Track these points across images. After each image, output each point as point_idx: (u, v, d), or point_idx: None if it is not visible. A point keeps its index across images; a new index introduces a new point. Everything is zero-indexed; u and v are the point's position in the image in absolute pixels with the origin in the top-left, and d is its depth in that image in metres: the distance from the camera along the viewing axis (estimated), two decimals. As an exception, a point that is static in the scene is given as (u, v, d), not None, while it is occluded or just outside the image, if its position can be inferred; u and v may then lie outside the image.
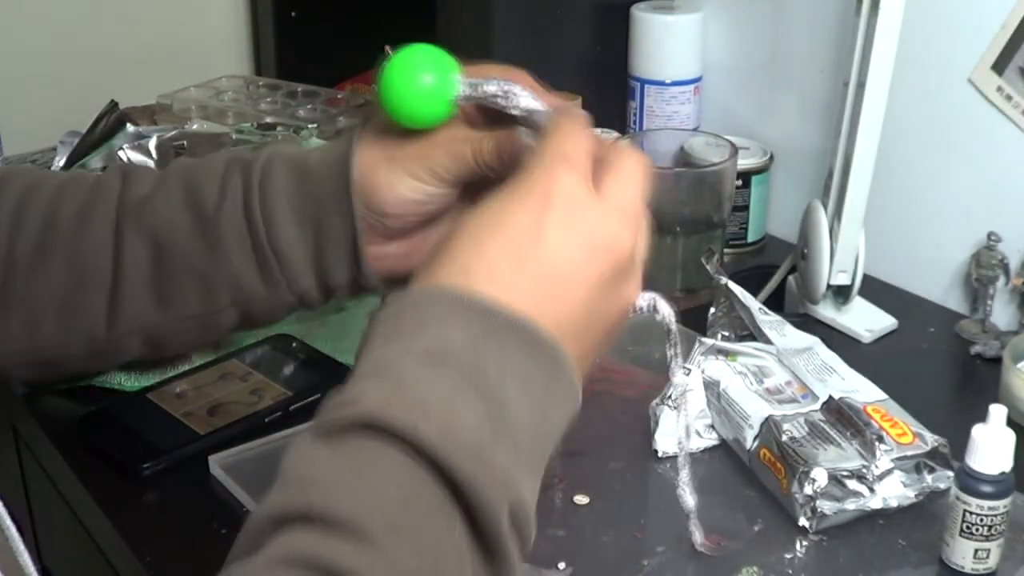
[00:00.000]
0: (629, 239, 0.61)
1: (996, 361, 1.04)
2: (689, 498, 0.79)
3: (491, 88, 0.71)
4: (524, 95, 0.71)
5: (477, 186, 0.74)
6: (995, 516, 0.78)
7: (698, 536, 0.81)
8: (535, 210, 0.59)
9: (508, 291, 0.57)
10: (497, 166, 0.72)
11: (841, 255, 1.10)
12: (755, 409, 0.90)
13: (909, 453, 0.84)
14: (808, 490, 0.83)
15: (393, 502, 0.50)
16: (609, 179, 0.62)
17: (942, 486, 0.84)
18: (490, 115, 0.74)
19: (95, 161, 1.28)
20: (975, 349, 1.09)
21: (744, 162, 1.25)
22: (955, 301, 1.17)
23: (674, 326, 0.71)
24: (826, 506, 0.83)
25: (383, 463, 0.50)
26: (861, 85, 1.04)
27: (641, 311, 0.68)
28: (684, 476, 0.78)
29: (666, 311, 0.70)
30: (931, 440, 0.85)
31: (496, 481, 0.51)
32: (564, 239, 0.59)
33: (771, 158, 1.30)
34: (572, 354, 0.58)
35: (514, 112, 0.71)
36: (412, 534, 0.49)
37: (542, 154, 0.62)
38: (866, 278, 1.13)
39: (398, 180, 0.75)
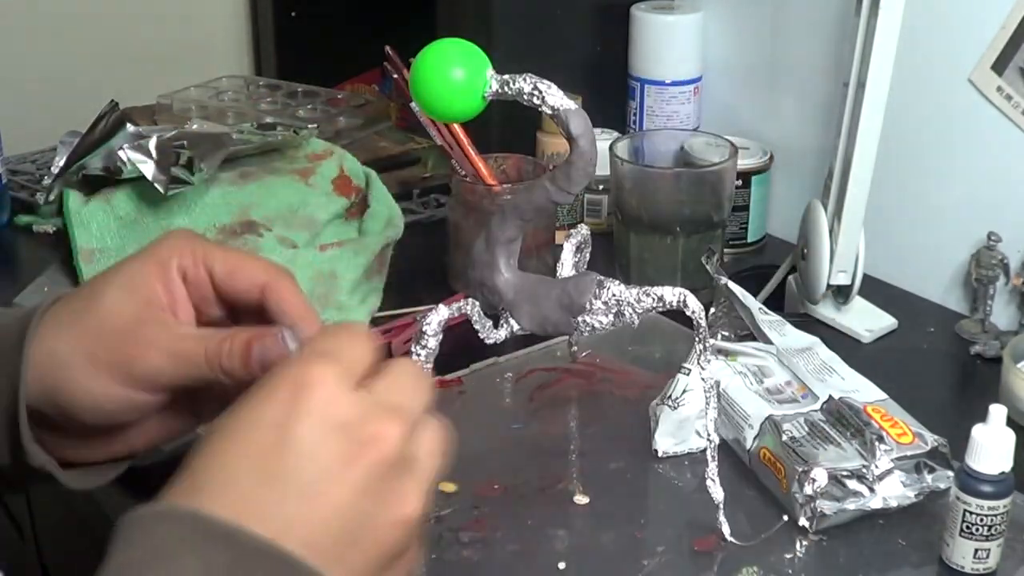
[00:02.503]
0: (394, 434, 0.51)
1: (996, 361, 1.04)
2: (718, 490, 0.81)
3: (523, 85, 0.70)
4: (553, 93, 0.71)
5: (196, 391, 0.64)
6: (995, 516, 0.78)
7: (727, 528, 0.82)
8: (282, 407, 0.50)
9: (253, 509, 0.48)
10: (240, 372, 0.60)
11: (841, 255, 1.10)
12: (755, 409, 0.90)
13: (909, 453, 0.84)
14: (808, 490, 0.83)
15: None
16: (378, 379, 0.53)
17: (942, 486, 0.84)
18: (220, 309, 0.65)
19: (95, 161, 1.28)
20: (975, 349, 1.09)
21: (744, 162, 1.25)
22: (955, 301, 1.17)
23: (704, 321, 0.77)
24: (826, 506, 0.83)
25: None
26: (861, 85, 1.04)
27: (671, 304, 0.73)
28: (712, 469, 0.81)
29: (696, 306, 0.75)
30: (931, 440, 0.85)
31: None
32: (315, 439, 0.50)
33: (771, 158, 1.30)
34: (340, 570, 0.50)
35: (545, 110, 0.71)
36: None
37: (300, 351, 0.54)
38: (866, 278, 1.13)
39: (96, 385, 0.61)
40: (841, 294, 1.13)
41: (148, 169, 1.14)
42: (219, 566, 0.47)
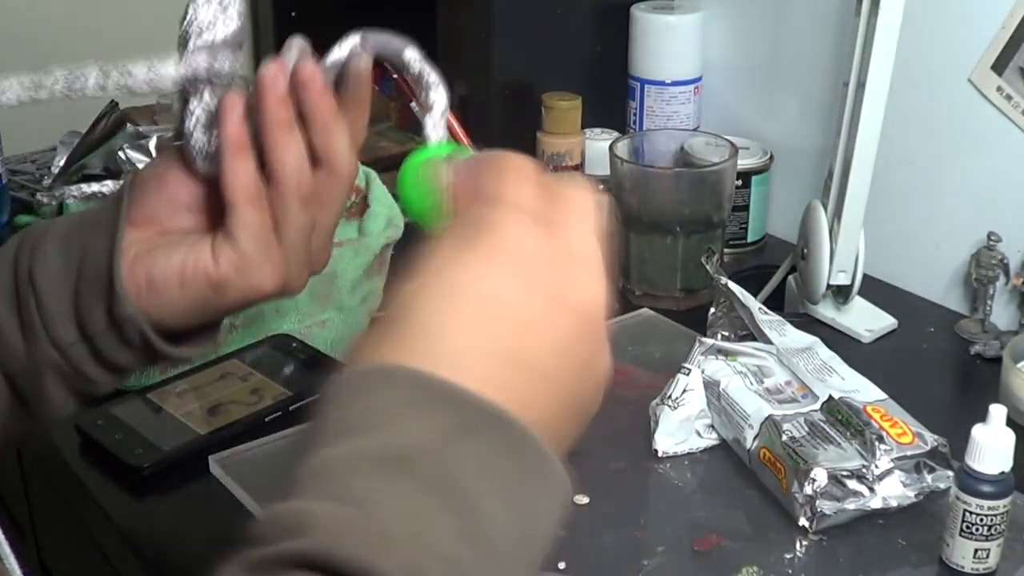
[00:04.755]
0: (600, 289, 0.51)
1: (996, 361, 1.04)
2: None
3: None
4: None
5: None
6: (995, 516, 0.78)
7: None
8: (493, 274, 0.49)
9: (474, 374, 0.47)
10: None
11: (841, 255, 1.09)
12: (755, 409, 0.90)
13: (909, 453, 0.84)
14: (808, 490, 0.83)
15: None
16: (563, 221, 0.52)
17: (942, 486, 0.84)
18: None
19: (95, 161, 1.29)
20: (975, 349, 1.09)
21: (744, 162, 1.25)
22: (955, 301, 1.17)
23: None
24: (826, 506, 0.83)
25: None
26: (861, 85, 1.04)
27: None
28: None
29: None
30: (931, 440, 0.85)
31: None
32: (530, 305, 0.49)
33: (771, 158, 1.30)
34: (551, 437, 0.48)
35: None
36: None
37: (486, 197, 0.52)
38: (866, 278, 1.13)
39: (179, 160, 0.66)
40: (841, 294, 1.13)
41: (148, 169, 1.14)
42: (446, 431, 0.45)
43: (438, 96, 0.65)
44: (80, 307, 0.66)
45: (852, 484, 0.83)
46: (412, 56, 0.66)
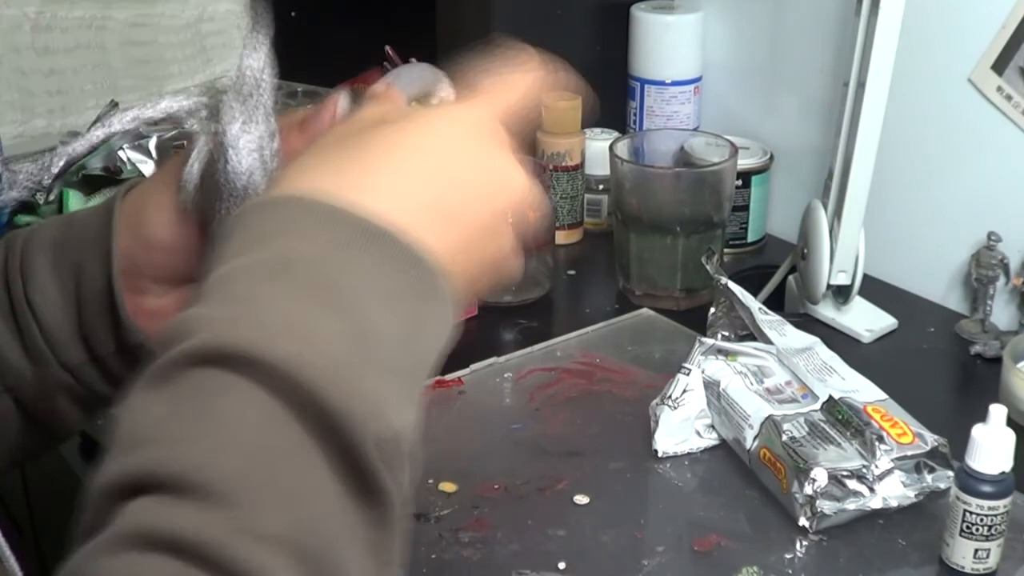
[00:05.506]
0: (526, 182, 0.56)
1: (996, 361, 1.04)
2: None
3: None
4: None
5: None
6: (995, 516, 0.78)
7: None
8: (438, 132, 0.54)
9: (387, 202, 0.50)
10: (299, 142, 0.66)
11: (841, 255, 1.09)
12: (755, 409, 0.90)
13: (909, 453, 0.84)
14: (808, 490, 0.83)
15: (243, 445, 0.42)
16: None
17: (942, 486, 0.84)
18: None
19: (95, 161, 1.28)
20: (975, 349, 1.09)
21: (744, 162, 1.25)
22: (955, 301, 1.17)
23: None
24: (826, 506, 0.83)
25: (228, 399, 0.43)
26: (861, 85, 1.04)
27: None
28: None
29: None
30: (931, 440, 0.85)
31: (361, 406, 0.44)
32: (465, 166, 0.53)
33: (771, 158, 1.30)
34: (450, 263, 0.52)
35: None
36: (267, 481, 0.42)
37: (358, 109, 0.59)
38: (866, 278, 1.13)
39: (168, 198, 0.66)
40: (841, 294, 1.13)
41: (148, 169, 1.14)
42: (332, 244, 0.48)
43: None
44: (85, 331, 0.66)
45: (852, 484, 0.83)
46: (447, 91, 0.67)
